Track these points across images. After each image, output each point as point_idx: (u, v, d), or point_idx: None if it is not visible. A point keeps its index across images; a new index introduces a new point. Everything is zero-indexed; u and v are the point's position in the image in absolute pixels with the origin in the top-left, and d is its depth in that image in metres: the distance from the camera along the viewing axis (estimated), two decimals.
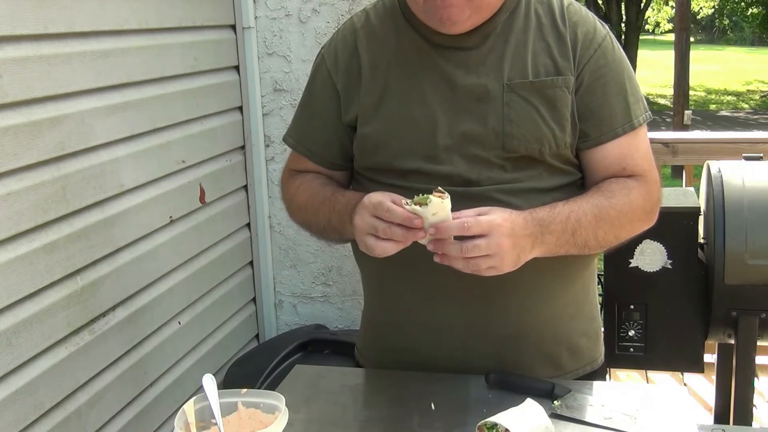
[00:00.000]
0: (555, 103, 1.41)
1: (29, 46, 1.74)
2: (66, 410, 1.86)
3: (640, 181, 1.45)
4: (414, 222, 1.25)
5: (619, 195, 1.41)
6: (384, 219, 1.28)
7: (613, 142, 1.44)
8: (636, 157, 1.46)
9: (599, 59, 1.43)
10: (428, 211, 1.25)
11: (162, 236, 2.26)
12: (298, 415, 1.35)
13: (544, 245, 1.34)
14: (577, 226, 1.36)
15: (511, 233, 1.28)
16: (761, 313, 2.20)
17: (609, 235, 1.41)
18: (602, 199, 1.40)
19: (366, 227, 1.31)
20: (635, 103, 1.46)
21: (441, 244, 1.27)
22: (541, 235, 1.33)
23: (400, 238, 1.28)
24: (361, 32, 1.52)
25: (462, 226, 1.25)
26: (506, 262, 1.29)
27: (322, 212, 1.50)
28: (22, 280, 1.71)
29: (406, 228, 1.27)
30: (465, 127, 1.42)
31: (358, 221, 1.33)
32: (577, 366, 1.54)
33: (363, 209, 1.32)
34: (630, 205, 1.42)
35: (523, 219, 1.31)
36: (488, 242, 1.26)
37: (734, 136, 3.09)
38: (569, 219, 1.35)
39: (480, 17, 1.40)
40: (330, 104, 1.53)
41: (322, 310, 2.90)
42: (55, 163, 1.81)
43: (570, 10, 1.46)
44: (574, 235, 1.36)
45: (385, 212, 1.27)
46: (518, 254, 1.30)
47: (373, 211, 1.30)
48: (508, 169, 1.42)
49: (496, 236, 1.26)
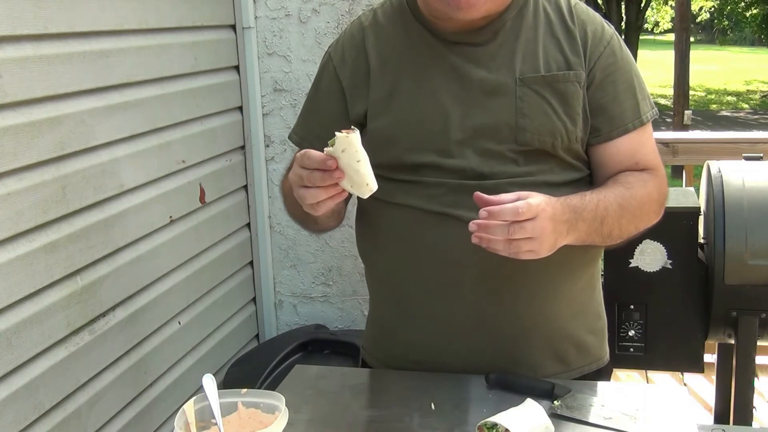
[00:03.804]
0: (566, 97, 1.43)
1: (29, 46, 1.74)
2: (66, 410, 1.86)
3: (653, 174, 1.50)
4: (327, 164, 1.24)
5: (637, 186, 1.45)
6: (306, 167, 1.27)
7: (624, 137, 1.47)
8: (647, 152, 1.51)
9: (609, 57, 1.46)
10: (337, 150, 1.24)
11: (162, 236, 2.26)
12: (298, 415, 1.35)
13: (576, 232, 1.36)
14: (605, 215, 1.39)
15: (552, 217, 1.30)
16: (761, 313, 2.21)
17: (630, 225, 1.45)
18: (623, 190, 1.43)
19: (296, 179, 1.31)
20: (643, 100, 1.49)
21: (486, 226, 1.27)
22: (575, 222, 1.35)
23: (320, 182, 1.26)
24: (369, 30, 1.53)
25: (516, 210, 1.25)
26: (545, 245, 1.30)
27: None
28: (22, 280, 1.71)
29: (323, 171, 1.25)
30: (477, 120, 1.43)
31: (291, 176, 1.33)
32: (583, 363, 1.55)
33: (294, 163, 1.32)
34: (648, 196, 1.46)
35: (561, 204, 1.33)
36: (534, 225, 1.27)
37: (734, 136, 3.09)
38: (598, 207, 1.38)
39: (494, 4, 1.41)
40: (336, 102, 1.53)
41: (322, 310, 2.90)
42: (54, 163, 1.81)
43: (578, 9, 1.49)
44: (602, 223, 1.39)
45: (306, 160, 1.27)
46: (555, 238, 1.31)
47: (299, 161, 1.29)
48: (520, 163, 1.43)
49: (541, 220, 1.27)
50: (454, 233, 1.41)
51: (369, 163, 1.26)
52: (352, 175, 1.26)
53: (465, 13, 1.40)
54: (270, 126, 2.80)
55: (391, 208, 1.49)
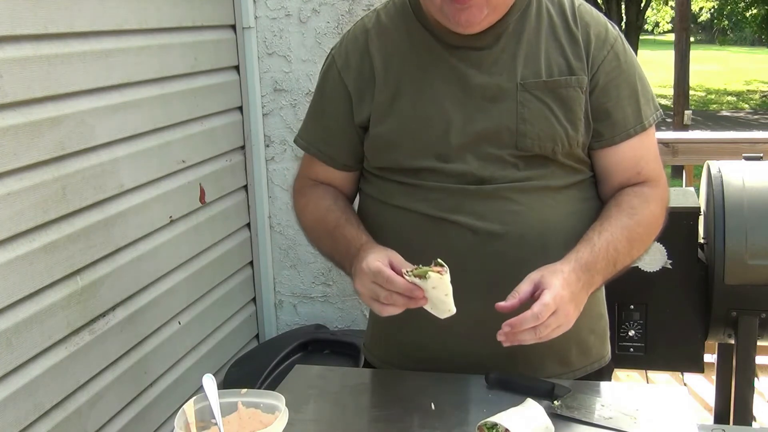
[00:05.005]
0: (568, 102, 1.42)
1: (29, 46, 1.74)
2: (66, 410, 1.86)
3: (653, 187, 1.49)
4: (415, 293, 1.28)
5: (640, 210, 1.45)
6: (384, 287, 1.29)
7: (627, 142, 1.47)
8: (649, 159, 1.50)
9: (612, 61, 1.45)
10: (428, 285, 1.27)
11: (162, 236, 2.26)
12: (298, 415, 1.35)
13: (593, 286, 1.38)
14: (616, 255, 1.39)
15: (572, 298, 1.31)
16: (761, 313, 2.21)
17: (640, 251, 1.46)
18: (627, 219, 1.43)
19: (368, 293, 1.33)
20: (645, 104, 1.48)
21: (513, 335, 1.29)
22: (591, 279, 1.36)
23: (402, 306, 1.30)
24: (373, 32, 1.52)
25: (536, 317, 1.26)
26: (571, 321, 1.32)
27: (325, 244, 1.54)
28: (22, 280, 1.71)
29: (407, 297, 1.29)
30: (479, 125, 1.43)
31: (360, 287, 1.34)
32: (585, 363, 1.55)
33: (363, 276, 1.33)
34: (653, 216, 1.46)
35: (574, 273, 1.33)
36: (557, 317, 1.28)
37: (734, 136, 3.09)
38: (608, 251, 1.38)
39: (495, 16, 1.41)
40: (341, 105, 1.53)
41: (322, 310, 2.90)
42: (54, 163, 1.81)
43: (581, 11, 1.48)
44: (615, 264, 1.40)
45: (385, 281, 1.29)
46: (577, 306, 1.34)
47: (372, 278, 1.31)
48: (520, 168, 1.43)
49: (562, 310, 1.29)
50: (454, 237, 1.41)
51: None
52: (436, 303, 1.30)
53: (464, 30, 1.40)
54: (270, 126, 2.80)
55: (391, 210, 1.49)
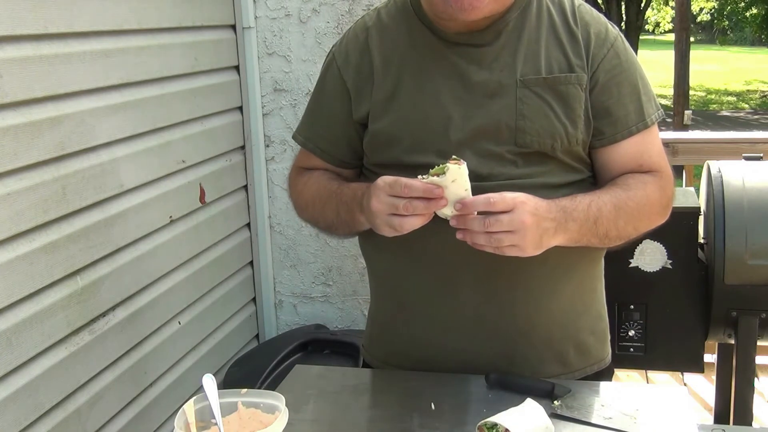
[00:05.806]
0: (567, 99, 1.43)
1: (29, 46, 1.74)
2: (66, 410, 1.86)
3: (656, 176, 1.49)
4: (435, 192, 1.26)
5: (635, 188, 1.44)
6: (403, 195, 1.28)
7: (628, 140, 1.47)
8: (652, 154, 1.50)
9: (612, 59, 1.46)
10: (447, 179, 1.26)
11: (162, 236, 2.26)
12: (298, 415, 1.35)
13: (567, 232, 1.36)
14: (598, 215, 1.38)
15: (534, 212, 1.30)
16: (761, 313, 2.21)
17: (628, 226, 1.44)
18: (620, 191, 1.43)
19: (385, 208, 1.31)
20: (647, 102, 1.48)
21: (464, 219, 1.29)
22: (564, 222, 1.35)
23: (423, 211, 1.29)
24: (373, 30, 1.53)
25: (488, 201, 1.27)
26: (528, 241, 1.29)
27: (329, 206, 1.51)
28: (22, 280, 1.71)
29: (426, 199, 1.27)
30: (478, 122, 1.43)
31: (375, 204, 1.33)
32: (584, 364, 1.54)
33: (378, 191, 1.32)
34: (647, 198, 1.45)
35: (546, 203, 1.33)
36: (511, 217, 1.27)
37: (734, 136, 3.09)
38: (590, 207, 1.38)
39: (498, 5, 1.41)
40: (340, 102, 1.53)
41: (322, 310, 2.90)
42: (54, 163, 1.81)
43: (581, 10, 1.48)
44: (596, 223, 1.38)
45: (403, 188, 1.28)
46: (540, 236, 1.31)
47: (389, 190, 1.30)
48: (519, 165, 1.43)
49: (519, 212, 1.27)
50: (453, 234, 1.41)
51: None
52: (455, 202, 1.28)
53: (468, 15, 1.39)
54: (270, 126, 2.80)
55: None
